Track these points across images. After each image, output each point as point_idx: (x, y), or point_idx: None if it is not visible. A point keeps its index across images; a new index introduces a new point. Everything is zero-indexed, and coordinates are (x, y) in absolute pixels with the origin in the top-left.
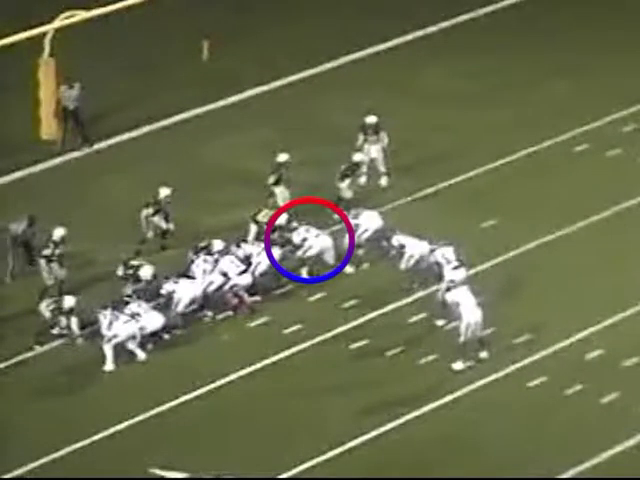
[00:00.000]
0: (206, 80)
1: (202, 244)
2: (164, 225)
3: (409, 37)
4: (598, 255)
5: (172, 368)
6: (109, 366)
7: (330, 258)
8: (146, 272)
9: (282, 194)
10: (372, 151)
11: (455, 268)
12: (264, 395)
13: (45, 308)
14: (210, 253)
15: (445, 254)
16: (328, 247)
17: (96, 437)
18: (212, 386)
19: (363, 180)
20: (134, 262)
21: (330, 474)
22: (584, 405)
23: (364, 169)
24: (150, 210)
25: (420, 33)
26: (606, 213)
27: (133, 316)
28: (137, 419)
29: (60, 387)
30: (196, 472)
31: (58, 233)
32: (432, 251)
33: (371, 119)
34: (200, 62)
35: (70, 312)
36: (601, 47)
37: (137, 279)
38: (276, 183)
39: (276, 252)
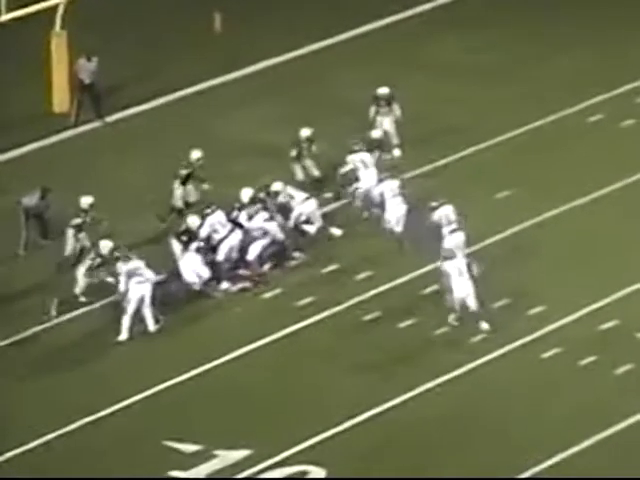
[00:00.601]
0: (218, 53)
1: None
2: (192, 197)
3: (420, 9)
4: (613, 226)
5: (185, 341)
6: (123, 335)
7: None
8: (193, 221)
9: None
10: (384, 123)
11: (452, 232)
12: (276, 368)
13: (85, 272)
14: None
15: (446, 215)
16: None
17: (110, 409)
18: (224, 359)
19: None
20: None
21: (341, 448)
22: (598, 376)
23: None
24: (183, 173)
25: (432, 5)
26: (620, 183)
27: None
28: (150, 391)
29: (70, 360)
30: (209, 445)
31: (86, 201)
32: (380, 181)
33: (383, 90)
34: (212, 35)
35: (112, 256)
36: (612, 19)
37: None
38: (297, 158)
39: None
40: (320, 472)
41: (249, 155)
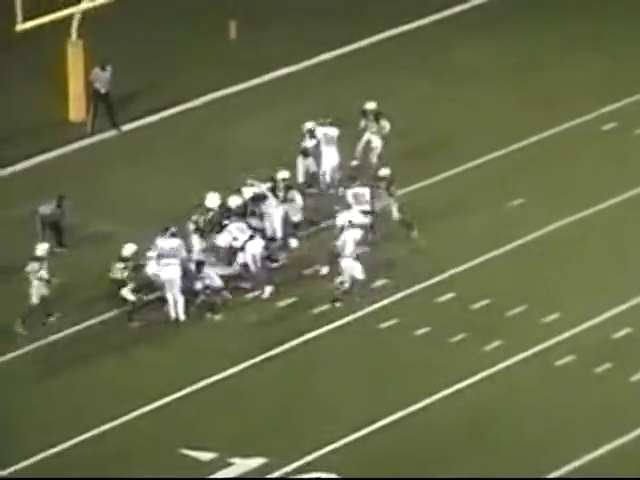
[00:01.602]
0: (234, 61)
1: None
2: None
3: (435, 17)
4: (627, 233)
5: (200, 349)
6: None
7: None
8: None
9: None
10: (374, 140)
11: (363, 213)
12: (292, 376)
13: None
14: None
15: (358, 194)
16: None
17: (127, 417)
18: (240, 367)
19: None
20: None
21: (357, 456)
22: (613, 384)
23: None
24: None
25: (446, 13)
26: (634, 191)
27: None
28: (164, 400)
29: (87, 366)
30: (225, 453)
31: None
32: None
33: (371, 105)
34: (228, 43)
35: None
36: (627, 24)
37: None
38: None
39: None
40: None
41: (265, 163)
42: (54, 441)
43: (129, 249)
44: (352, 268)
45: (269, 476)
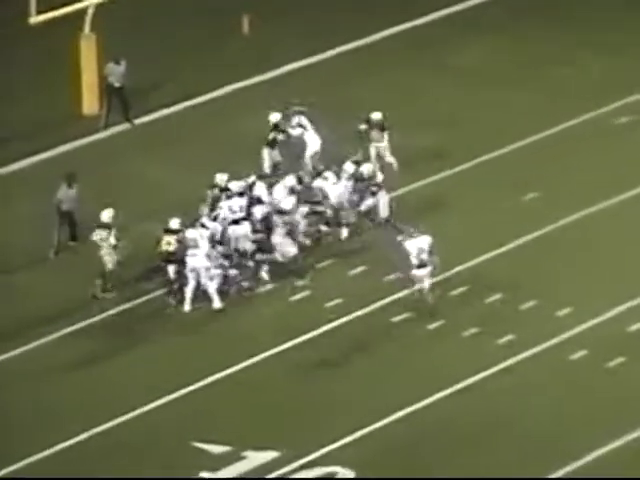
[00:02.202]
0: (247, 55)
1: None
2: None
3: (443, 13)
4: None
5: (214, 342)
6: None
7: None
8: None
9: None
10: (372, 150)
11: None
12: (306, 369)
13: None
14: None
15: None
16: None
17: (139, 410)
18: (253, 360)
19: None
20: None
21: (370, 449)
22: (626, 378)
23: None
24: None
25: (454, 9)
26: None
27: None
28: (177, 394)
29: (100, 359)
30: (238, 446)
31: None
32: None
33: (377, 116)
34: (241, 37)
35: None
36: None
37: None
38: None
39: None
40: (349, 473)
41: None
42: (67, 435)
43: (175, 222)
44: (423, 277)
45: (282, 470)
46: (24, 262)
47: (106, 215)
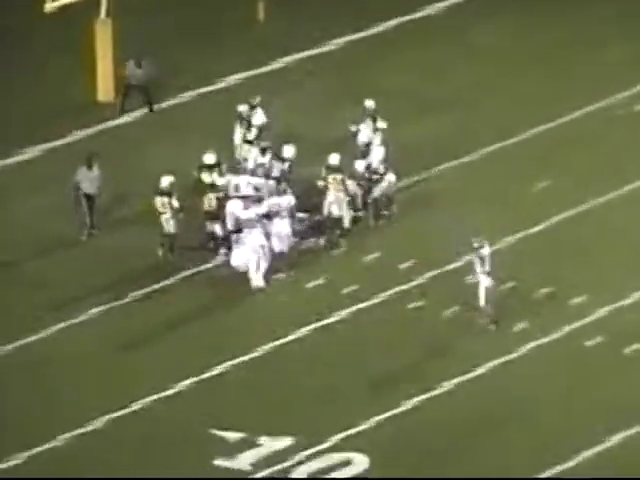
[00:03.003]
0: (262, 41)
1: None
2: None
3: None
4: None
5: (229, 329)
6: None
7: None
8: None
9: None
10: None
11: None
12: (319, 355)
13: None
14: None
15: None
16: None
17: (156, 396)
18: (268, 346)
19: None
20: None
21: (385, 437)
22: None
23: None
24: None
25: None
26: None
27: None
28: (194, 379)
29: (113, 349)
30: (253, 432)
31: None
32: None
33: (369, 103)
34: (256, 24)
35: None
36: None
37: None
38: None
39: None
40: (364, 460)
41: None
42: (81, 421)
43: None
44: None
45: (297, 456)
46: (54, 249)
47: (166, 181)
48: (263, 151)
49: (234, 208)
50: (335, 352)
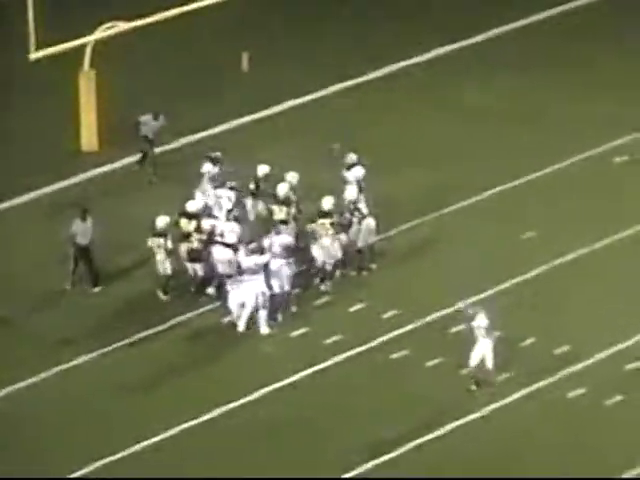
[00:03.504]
0: (246, 92)
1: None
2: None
3: (442, 51)
4: (638, 265)
5: (214, 380)
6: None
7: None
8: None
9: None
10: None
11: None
12: (307, 405)
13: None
14: None
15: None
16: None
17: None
18: (253, 396)
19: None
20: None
21: None
22: (624, 416)
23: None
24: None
25: (455, 47)
26: None
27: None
28: (177, 429)
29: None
30: None
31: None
32: None
33: (352, 157)
34: (240, 73)
35: None
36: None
37: None
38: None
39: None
40: None
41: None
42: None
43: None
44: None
45: None
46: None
47: (162, 221)
48: (230, 189)
49: (224, 255)
50: (320, 403)
